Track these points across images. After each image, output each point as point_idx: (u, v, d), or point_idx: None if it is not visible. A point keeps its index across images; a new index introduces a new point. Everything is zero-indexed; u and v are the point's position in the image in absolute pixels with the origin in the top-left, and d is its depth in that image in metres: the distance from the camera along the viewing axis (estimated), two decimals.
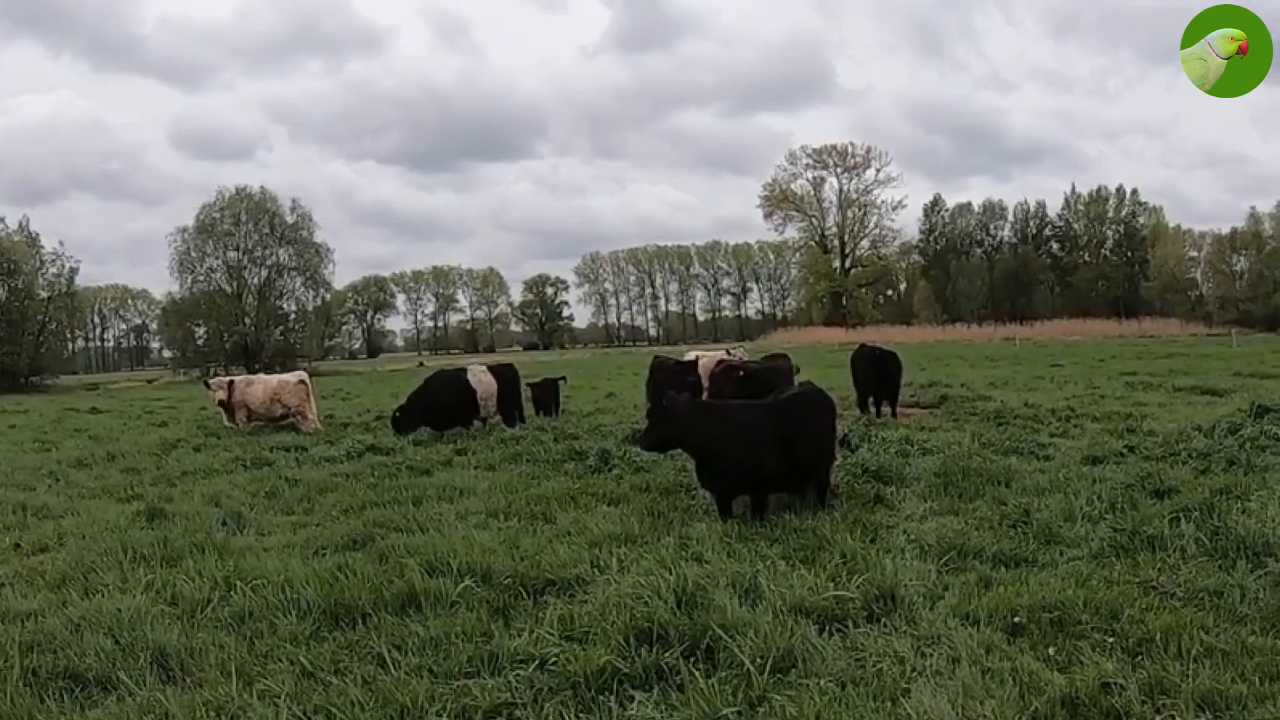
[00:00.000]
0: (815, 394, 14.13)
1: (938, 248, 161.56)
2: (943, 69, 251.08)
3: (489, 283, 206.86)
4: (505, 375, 25.73)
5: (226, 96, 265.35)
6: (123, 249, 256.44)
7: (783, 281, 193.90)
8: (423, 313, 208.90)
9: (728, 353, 31.38)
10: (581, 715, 6.77)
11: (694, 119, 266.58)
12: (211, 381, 29.35)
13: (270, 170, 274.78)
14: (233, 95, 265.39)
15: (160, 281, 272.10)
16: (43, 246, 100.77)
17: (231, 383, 28.00)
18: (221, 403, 27.53)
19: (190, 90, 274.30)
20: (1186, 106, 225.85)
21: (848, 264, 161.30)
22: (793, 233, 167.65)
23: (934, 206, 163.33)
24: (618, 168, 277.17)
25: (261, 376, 29.38)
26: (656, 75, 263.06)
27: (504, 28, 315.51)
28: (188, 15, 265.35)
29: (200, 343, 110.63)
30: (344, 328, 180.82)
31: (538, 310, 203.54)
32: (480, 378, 25.21)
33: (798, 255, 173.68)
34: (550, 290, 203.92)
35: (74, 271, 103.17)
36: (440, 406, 24.85)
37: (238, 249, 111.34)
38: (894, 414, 24.85)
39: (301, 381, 27.51)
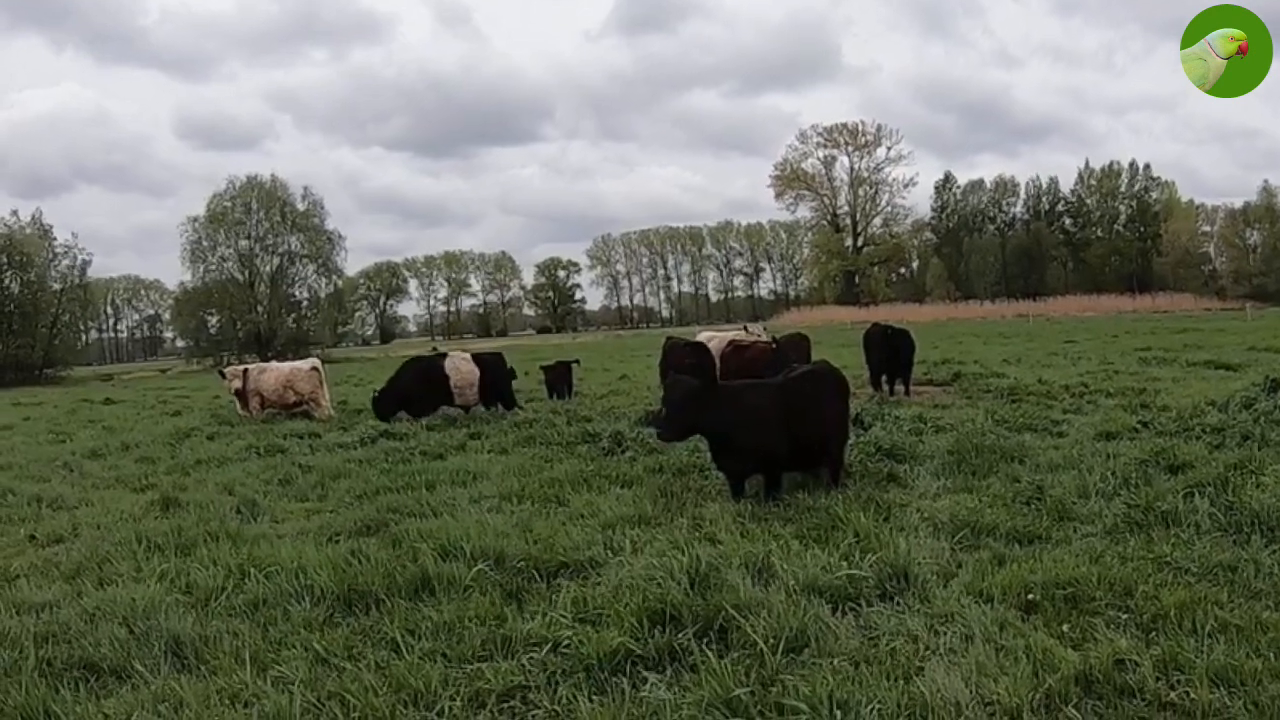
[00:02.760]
0: (828, 372, 14.10)
1: (950, 225, 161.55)
2: (949, 46, 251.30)
3: (501, 267, 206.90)
4: (490, 363, 25.56)
5: (230, 86, 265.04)
6: (131, 240, 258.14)
7: (795, 261, 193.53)
8: (435, 298, 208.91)
9: (745, 330, 31.33)
10: (595, 697, 6.76)
11: (700, 100, 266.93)
12: (227, 371, 29.29)
13: (277, 159, 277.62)
14: (237, 85, 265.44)
15: (171, 271, 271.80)
16: (55, 239, 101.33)
17: (246, 371, 27.99)
18: (237, 391, 27.54)
19: (194, 80, 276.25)
20: None
21: (860, 242, 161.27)
22: (804, 212, 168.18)
23: (945, 184, 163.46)
24: (625, 150, 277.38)
25: (274, 364, 29.31)
26: (661, 57, 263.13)
27: (505, 13, 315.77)
28: (189, 6, 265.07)
29: (213, 332, 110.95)
30: (357, 314, 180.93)
31: (550, 293, 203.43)
32: (459, 365, 25.07)
33: (810, 234, 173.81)
34: (562, 273, 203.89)
35: (86, 263, 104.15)
36: (414, 392, 25.00)
37: (249, 237, 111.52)
38: (907, 392, 24.85)
39: (314, 368, 27.45)
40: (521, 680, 7.05)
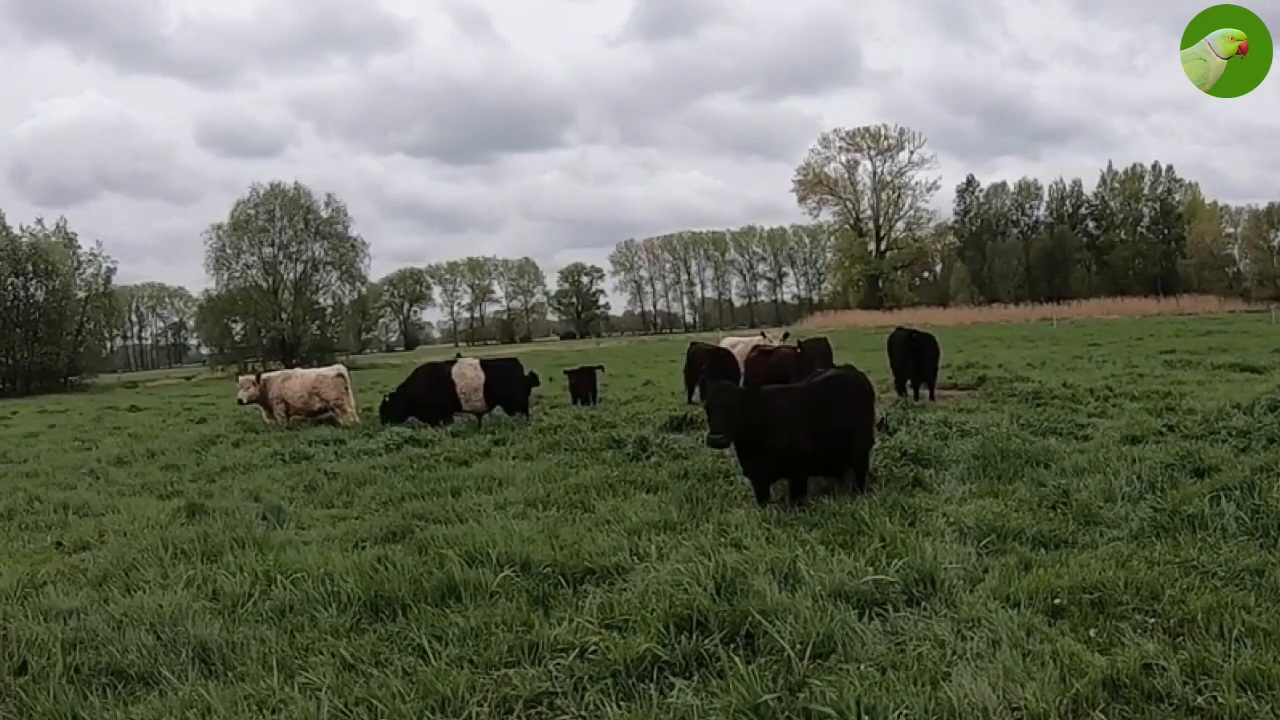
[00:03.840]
0: (853, 377, 14.10)
1: (973, 229, 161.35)
2: (969, 49, 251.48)
3: (524, 273, 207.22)
4: (496, 369, 25.73)
5: (252, 94, 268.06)
6: (155, 247, 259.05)
7: (818, 265, 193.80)
8: (459, 304, 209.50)
9: (763, 336, 31.37)
10: (622, 703, 6.76)
11: (721, 104, 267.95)
12: (241, 379, 29.50)
13: (299, 166, 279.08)
14: (258, 92, 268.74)
15: (196, 279, 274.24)
16: (79, 247, 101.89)
17: (260, 379, 27.98)
18: (253, 400, 27.62)
19: (216, 88, 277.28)
20: None
21: (883, 247, 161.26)
22: (827, 216, 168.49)
23: (968, 187, 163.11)
24: (646, 155, 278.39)
25: (299, 371, 29.24)
26: (681, 61, 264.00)
27: (524, 18, 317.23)
28: (210, 14, 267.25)
29: (237, 339, 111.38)
30: (380, 321, 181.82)
31: (574, 299, 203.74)
32: (464, 371, 25.34)
33: (832, 239, 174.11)
34: (586, 279, 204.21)
35: (111, 271, 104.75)
36: (422, 397, 25.49)
37: (273, 245, 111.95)
38: (931, 396, 24.81)
39: (340, 375, 27.51)
40: (549, 686, 7.06)
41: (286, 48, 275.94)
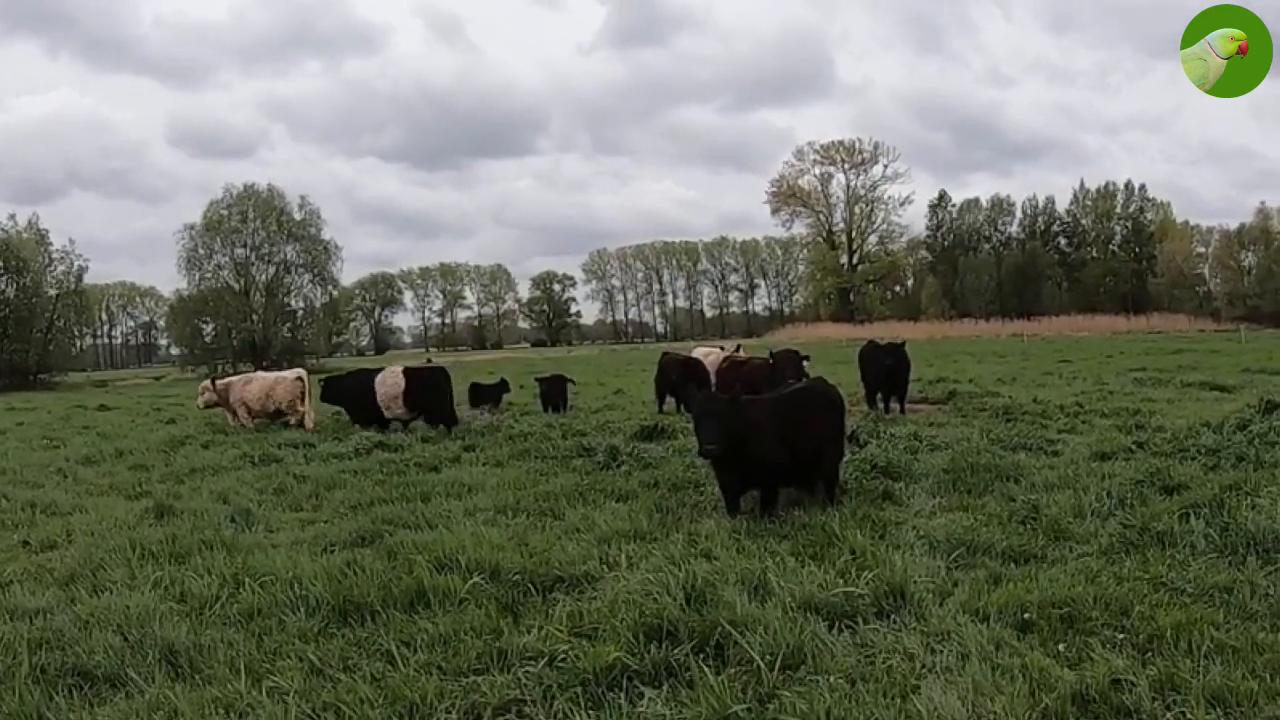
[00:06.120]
0: (824, 389, 14.11)
1: (945, 243, 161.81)
2: (942, 64, 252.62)
3: (496, 279, 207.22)
4: (417, 377, 25.84)
5: (225, 95, 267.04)
6: (126, 246, 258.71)
7: (790, 278, 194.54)
8: (430, 309, 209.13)
9: (722, 349, 31.49)
10: (591, 712, 6.74)
11: (694, 115, 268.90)
12: (200, 385, 29.70)
13: (271, 168, 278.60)
14: (231, 94, 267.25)
15: (167, 279, 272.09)
16: (51, 244, 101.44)
17: (216, 384, 28.53)
18: (211, 405, 28.17)
19: (188, 89, 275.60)
20: (1188, 100, 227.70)
21: (855, 260, 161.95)
22: (800, 229, 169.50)
23: (940, 202, 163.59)
24: (619, 164, 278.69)
25: (259, 374, 29.35)
26: (655, 71, 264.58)
27: (498, 25, 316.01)
28: (183, 14, 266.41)
29: (208, 340, 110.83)
30: (352, 325, 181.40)
31: (545, 307, 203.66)
32: (385, 379, 25.57)
33: (805, 251, 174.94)
34: (558, 287, 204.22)
35: (83, 269, 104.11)
36: (349, 396, 26.31)
37: (245, 246, 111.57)
38: (902, 410, 24.85)
39: (298, 379, 27.42)
40: (517, 694, 7.03)
41: (260, 50, 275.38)
